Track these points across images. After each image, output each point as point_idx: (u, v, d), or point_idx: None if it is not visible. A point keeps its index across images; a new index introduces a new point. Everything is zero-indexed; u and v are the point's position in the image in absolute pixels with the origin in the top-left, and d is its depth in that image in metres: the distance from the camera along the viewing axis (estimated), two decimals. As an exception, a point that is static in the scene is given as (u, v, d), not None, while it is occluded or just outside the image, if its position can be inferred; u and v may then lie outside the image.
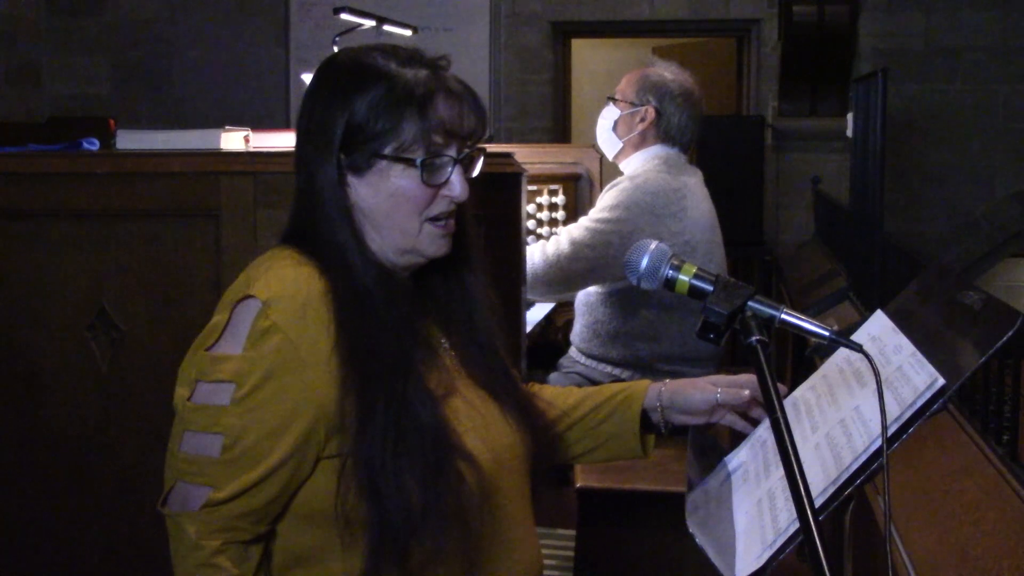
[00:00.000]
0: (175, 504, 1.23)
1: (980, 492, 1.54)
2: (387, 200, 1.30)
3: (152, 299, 2.00)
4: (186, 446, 1.23)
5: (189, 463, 1.23)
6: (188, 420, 1.24)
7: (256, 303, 1.23)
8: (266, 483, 1.22)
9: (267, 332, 1.22)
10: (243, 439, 1.21)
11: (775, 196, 6.02)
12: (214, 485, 1.21)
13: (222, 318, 1.25)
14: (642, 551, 2.34)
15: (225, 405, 1.21)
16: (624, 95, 2.85)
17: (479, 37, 6.23)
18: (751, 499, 1.23)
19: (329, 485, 1.24)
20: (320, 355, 1.23)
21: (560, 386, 1.72)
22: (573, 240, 2.69)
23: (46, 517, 2.06)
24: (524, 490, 1.40)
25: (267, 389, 1.21)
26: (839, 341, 1.17)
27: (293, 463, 1.23)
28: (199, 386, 1.24)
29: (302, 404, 1.22)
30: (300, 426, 1.22)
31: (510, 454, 1.36)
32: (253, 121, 2.59)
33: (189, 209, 1.98)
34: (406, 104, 1.27)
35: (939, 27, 6.01)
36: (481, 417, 1.34)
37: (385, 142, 1.28)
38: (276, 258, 1.30)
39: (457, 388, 1.34)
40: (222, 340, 1.24)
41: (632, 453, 1.55)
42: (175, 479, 1.24)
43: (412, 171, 1.28)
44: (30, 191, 2.04)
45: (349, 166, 1.29)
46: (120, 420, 2.03)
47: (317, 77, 1.35)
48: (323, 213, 1.29)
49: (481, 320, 1.42)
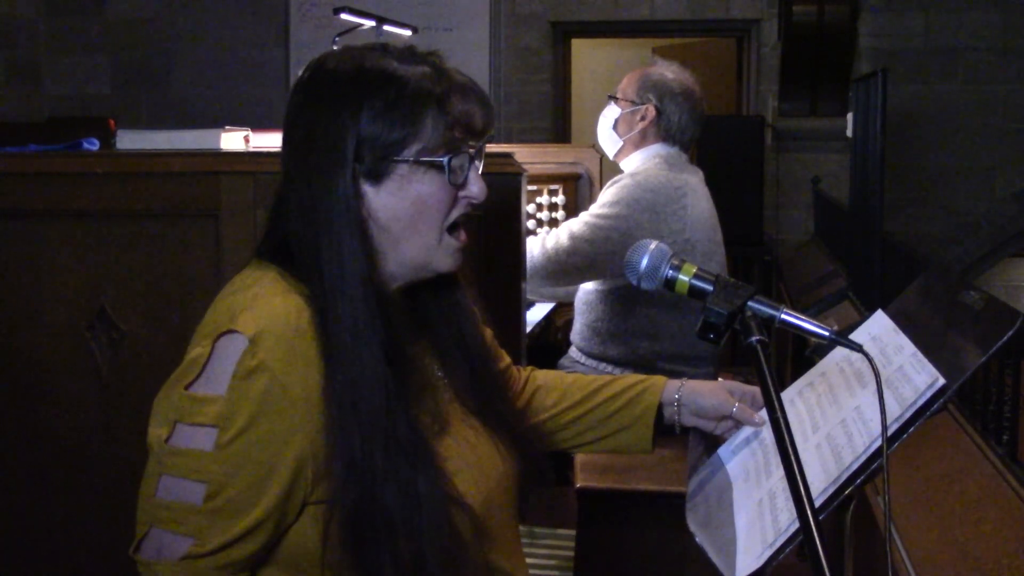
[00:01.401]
0: (149, 552, 1.14)
1: (980, 492, 1.54)
2: (410, 208, 1.21)
3: (152, 299, 2.00)
4: (163, 492, 1.13)
5: (167, 510, 1.13)
6: (166, 464, 1.13)
7: (242, 340, 1.12)
8: (252, 534, 1.13)
9: (253, 372, 1.11)
10: (228, 488, 1.12)
11: (775, 196, 6.02)
12: (196, 536, 1.12)
13: (203, 352, 1.14)
14: (642, 551, 2.34)
15: (208, 450, 1.11)
16: (625, 94, 2.86)
17: (479, 37, 6.23)
18: (752, 499, 1.23)
19: (315, 531, 1.16)
20: (309, 395, 1.13)
21: (576, 363, 1.73)
22: (572, 234, 2.69)
23: (46, 517, 2.06)
24: (513, 521, 1.36)
25: (252, 434, 1.11)
26: (839, 341, 1.17)
27: (280, 512, 1.14)
28: (178, 428, 1.13)
29: (289, 448, 1.13)
30: (286, 472, 1.13)
31: (500, 487, 1.31)
32: (253, 121, 2.58)
33: (189, 209, 1.98)
34: (424, 104, 1.19)
35: (939, 27, 6.01)
36: (474, 453, 1.28)
37: (406, 145, 1.19)
38: (260, 284, 1.19)
39: (449, 423, 1.28)
40: (203, 378, 1.13)
41: (640, 446, 1.54)
42: (149, 525, 1.14)
43: (437, 173, 1.20)
44: (30, 191, 2.03)
45: (365, 174, 1.19)
46: (120, 420, 2.03)
47: (312, 83, 1.24)
48: (330, 229, 1.17)
49: (472, 341, 1.37)
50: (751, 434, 1.42)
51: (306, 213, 1.19)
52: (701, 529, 1.26)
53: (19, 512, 2.07)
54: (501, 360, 1.53)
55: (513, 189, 2.15)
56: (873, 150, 3.11)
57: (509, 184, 2.15)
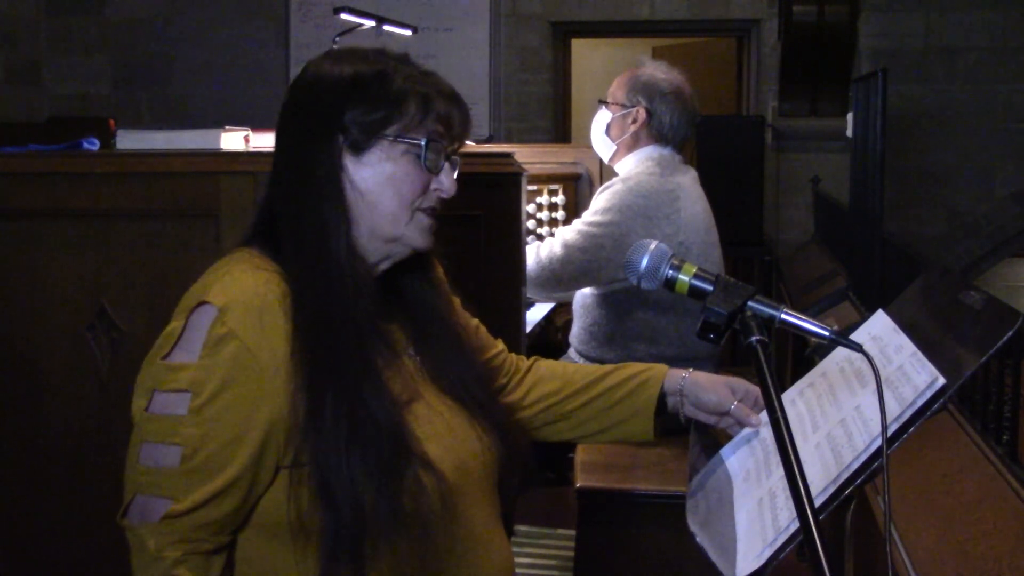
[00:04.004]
0: (134, 516, 1.21)
1: (980, 492, 1.54)
2: (384, 182, 1.29)
3: (152, 299, 1.99)
4: (144, 458, 1.22)
5: (148, 475, 1.21)
6: (145, 431, 1.22)
7: (212, 310, 1.21)
8: (226, 493, 1.20)
9: (223, 339, 1.19)
10: (202, 449, 1.19)
11: (775, 196, 6.02)
12: (173, 497, 1.19)
13: (177, 325, 1.23)
14: (642, 551, 2.34)
15: (182, 415, 1.19)
16: (614, 97, 2.85)
17: (479, 37, 6.23)
18: (753, 499, 1.23)
19: (287, 496, 1.21)
20: (278, 361, 1.20)
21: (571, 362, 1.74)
22: (565, 243, 2.70)
23: (46, 517, 2.06)
24: (492, 498, 1.38)
25: (224, 398, 1.19)
26: (839, 341, 1.17)
27: (252, 472, 1.21)
28: (156, 396, 1.22)
29: (259, 411, 1.20)
30: (258, 434, 1.20)
31: (476, 462, 1.34)
32: (253, 121, 2.58)
33: (189, 209, 1.97)
34: (409, 92, 1.29)
35: (939, 27, 6.01)
36: (446, 424, 1.32)
37: (389, 122, 1.28)
38: (233, 262, 1.28)
39: (421, 395, 1.32)
40: (177, 348, 1.22)
41: (644, 436, 1.56)
42: (134, 491, 1.22)
43: (413, 154, 1.29)
44: (30, 191, 2.03)
45: (349, 146, 1.28)
46: (120, 420, 2.01)
47: (309, 71, 1.33)
48: (313, 190, 1.27)
49: (448, 325, 1.41)
50: (751, 433, 1.42)
51: (292, 184, 1.30)
52: (701, 529, 1.26)
53: (19, 512, 2.07)
54: (489, 350, 1.56)
55: (513, 189, 2.15)
56: (873, 150, 3.12)
57: (509, 184, 2.15)
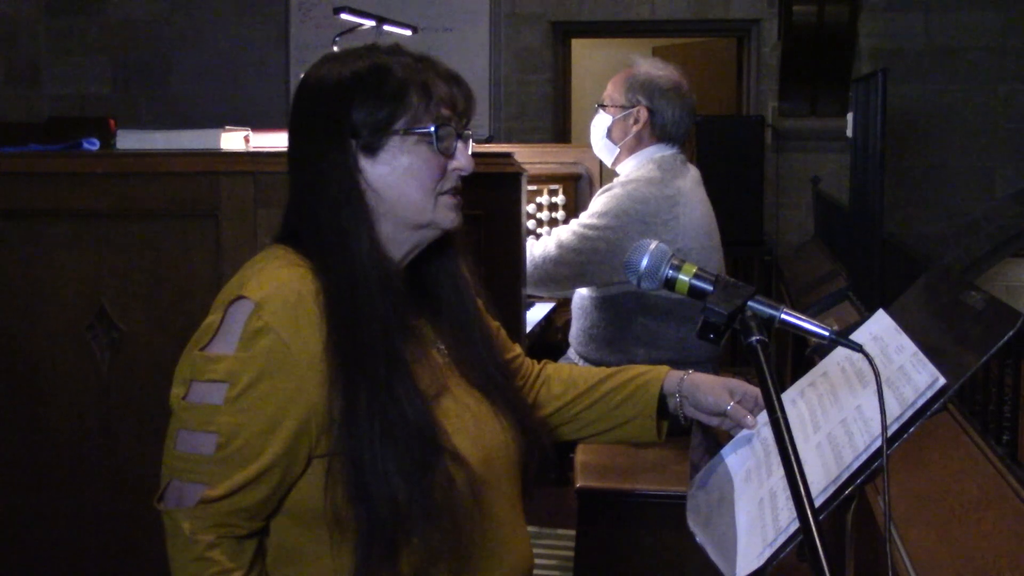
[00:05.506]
0: (170, 501, 1.26)
1: (980, 492, 1.54)
2: (403, 176, 1.32)
3: (152, 299, 1.99)
4: (181, 444, 1.26)
5: (184, 461, 1.26)
6: (182, 419, 1.27)
7: (249, 304, 1.25)
8: (259, 481, 1.25)
9: (259, 332, 1.24)
10: (236, 438, 1.24)
11: (775, 196, 6.02)
12: (208, 483, 1.24)
13: (216, 318, 1.28)
14: (642, 551, 2.34)
15: (219, 404, 1.24)
16: (613, 99, 2.79)
17: (479, 37, 6.23)
18: (753, 499, 1.23)
19: (320, 484, 1.26)
20: (312, 355, 1.25)
21: (577, 364, 1.75)
22: (560, 243, 2.67)
23: (46, 517, 2.06)
24: (515, 491, 1.42)
25: (259, 389, 1.24)
26: (839, 341, 1.17)
27: (285, 461, 1.25)
28: (193, 386, 1.26)
29: (293, 403, 1.24)
30: (292, 425, 1.24)
31: (501, 455, 1.38)
32: (253, 121, 2.58)
33: (189, 209, 1.97)
34: (407, 83, 1.32)
35: (939, 27, 6.01)
36: (473, 418, 1.36)
37: (395, 118, 1.31)
38: (269, 258, 1.33)
39: (449, 388, 1.36)
40: (215, 340, 1.27)
41: (648, 437, 1.58)
42: (170, 477, 1.27)
43: (426, 142, 1.32)
44: (30, 191, 2.03)
45: (363, 149, 1.32)
46: (120, 420, 2.03)
47: (309, 81, 1.37)
48: (330, 198, 1.31)
49: (475, 320, 1.45)
50: (752, 433, 1.42)
51: (312, 191, 1.33)
52: (701, 529, 1.26)
53: (19, 512, 2.07)
54: (509, 351, 1.59)
55: (513, 189, 2.15)
56: (873, 150, 3.11)
57: (509, 184, 2.15)
